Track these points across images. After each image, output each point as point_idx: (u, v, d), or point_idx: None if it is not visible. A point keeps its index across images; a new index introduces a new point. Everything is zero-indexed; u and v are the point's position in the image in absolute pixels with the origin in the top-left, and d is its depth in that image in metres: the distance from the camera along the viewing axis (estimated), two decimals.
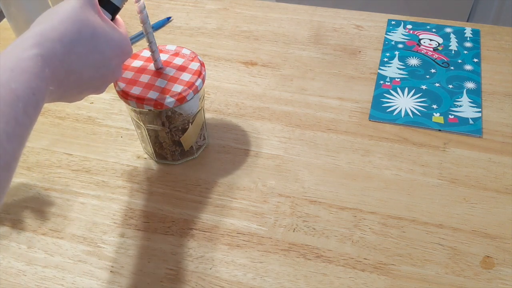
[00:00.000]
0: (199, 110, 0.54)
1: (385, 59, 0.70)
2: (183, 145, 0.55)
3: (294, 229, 0.51)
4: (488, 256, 0.49)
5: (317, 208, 0.53)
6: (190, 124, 0.53)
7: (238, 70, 0.69)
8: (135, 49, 0.73)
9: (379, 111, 0.63)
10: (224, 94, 0.65)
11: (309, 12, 0.79)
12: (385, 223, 0.51)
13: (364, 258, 0.49)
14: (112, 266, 0.49)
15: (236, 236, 0.51)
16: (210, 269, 0.48)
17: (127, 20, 0.78)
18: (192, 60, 0.52)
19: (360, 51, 0.71)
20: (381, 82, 0.66)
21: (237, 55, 0.72)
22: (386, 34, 0.74)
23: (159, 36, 0.74)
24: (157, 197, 0.54)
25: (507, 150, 0.58)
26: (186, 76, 0.50)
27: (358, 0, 1.40)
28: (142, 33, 0.75)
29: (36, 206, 0.54)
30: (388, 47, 0.72)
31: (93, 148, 0.60)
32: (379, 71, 0.68)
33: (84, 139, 0.61)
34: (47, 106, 0.65)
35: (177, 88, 0.49)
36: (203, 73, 0.51)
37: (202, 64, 0.52)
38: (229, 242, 0.50)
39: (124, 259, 0.49)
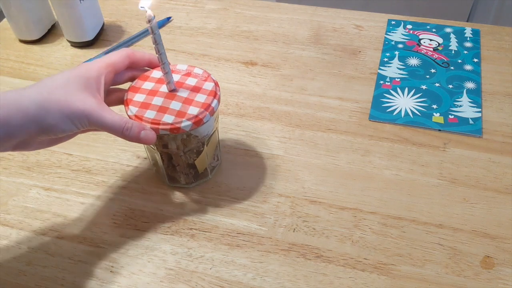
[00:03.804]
0: (214, 131, 0.52)
1: (385, 59, 0.70)
2: (197, 168, 0.53)
3: (294, 229, 0.51)
4: (488, 256, 0.49)
5: (317, 208, 0.53)
6: (205, 146, 0.51)
7: (238, 70, 0.69)
8: (135, 49, 0.73)
9: (379, 111, 0.63)
10: (224, 94, 0.65)
11: (309, 12, 0.79)
12: (385, 223, 0.51)
13: (364, 258, 0.49)
14: (112, 266, 0.49)
15: (236, 236, 0.51)
16: (210, 269, 0.48)
17: (127, 20, 0.78)
18: (205, 80, 0.50)
19: (360, 51, 0.71)
20: (381, 82, 0.66)
21: (237, 55, 0.72)
22: (386, 34, 0.74)
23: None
24: (157, 197, 0.54)
25: (507, 150, 0.58)
26: (201, 97, 0.48)
27: (358, 0, 1.40)
28: (143, 33, 0.75)
29: (36, 206, 0.54)
30: (388, 47, 0.72)
31: (93, 148, 0.60)
32: (379, 71, 0.68)
33: (84, 139, 0.61)
34: None
35: (193, 110, 0.47)
36: (218, 93, 0.49)
37: (216, 84, 0.50)
38: (229, 242, 0.50)
39: (124, 259, 0.49)
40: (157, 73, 0.51)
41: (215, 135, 0.53)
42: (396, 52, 0.71)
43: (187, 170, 0.53)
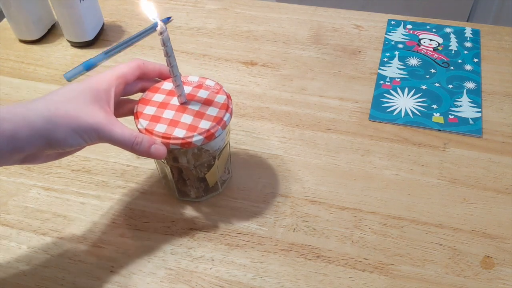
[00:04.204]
0: (226, 145, 0.51)
1: (385, 59, 0.70)
2: (208, 182, 0.52)
3: (294, 229, 0.51)
4: (488, 256, 0.49)
5: (317, 208, 0.53)
6: (216, 160, 0.50)
7: (238, 70, 0.69)
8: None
9: (379, 111, 0.63)
10: None
11: (309, 12, 0.79)
12: (385, 223, 0.51)
13: (364, 258, 0.49)
14: (112, 266, 0.49)
15: (236, 236, 0.51)
16: (210, 269, 0.48)
17: (127, 20, 0.78)
18: (217, 93, 0.48)
19: (360, 51, 0.72)
20: (381, 82, 0.66)
21: (237, 55, 0.72)
22: (386, 34, 0.74)
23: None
24: (157, 197, 0.54)
25: (507, 150, 0.58)
26: (213, 111, 0.46)
27: (358, 0, 1.41)
28: (143, 33, 0.74)
29: (36, 206, 0.54)
30: (388, 47, 0.72)
31: (93, 148, 0.59)
32: (379, 71, 0.68)
33: None
34: None
35: (205, 124, 0.45)
36: (231, 106, 0.47)
37: (228, 97, 0.48)
38: (229, 242, 0.50)
39: (124, 259, 0.49)
40: (168, 85, 0.49)
41: (226, 149, 0.51)
42: (396, 52, 0.71)
43: (198, 184, 0.52)
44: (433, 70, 0.68)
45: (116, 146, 0.44)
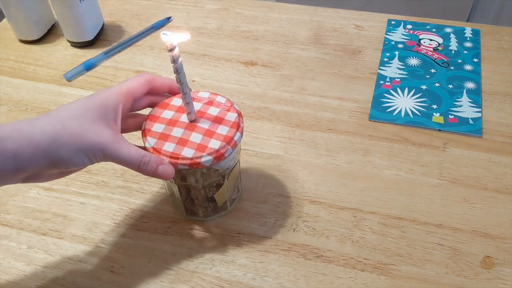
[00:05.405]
0: (236, 164, 0.49)
1: (385, 59, 0.70)
2: (217, 201, 0.50)
3: (294, 229, 0.51)
4: (488, 256, 0.49)
5: (317, 208, 0.53)
6: (225, 179, 0.48)
7: (238, 70, 0.69)
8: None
9: (379, 111, 0.63)
10: (224, 94, 0.65)
11: (309, 12, 0.79)
12: (385, 223, 0.51)
13: (364, 258, 0.49)
14: (112, 266, 0.49)
15: (236, 236, 0.51)
16: (210, 269, 0.48)
17: (127, 20, 0.78)
18: (228, 110, 0.47)
19: (360, 51, 0.72)
20: (381, 82, 0.66)
21: (237, 55, 0.72)
22: (386, 34, 0.74)
23: (159, 36, 0.74)
24: (157, 197, 0.54)
25: (507, 150, 0.58)
26: (223, 130, 0.45)
27: (358, 0, 1.41)
28: (143, 33, 0.75)
29: (36, 206, 0.54)
30: (388, 47, 0.72)
31: None
32: (379, 71, 0.68)
33: None
34: (47, 106, 0.65)
35: (214, 144, 0.44)
36: (241, 125, 0.46)
37: (239, 115, 0.47)
38: (229, 242, 0.50)
39: (124, 259, 0.49)
40: (177, 101, 0.48)
41: (236, 167, 0.50)
42: (396, 52, 0.71)
43: (206, 203, 0.50)
44: (433, 70, 0.68)
45: (122, 165, 0.43)
